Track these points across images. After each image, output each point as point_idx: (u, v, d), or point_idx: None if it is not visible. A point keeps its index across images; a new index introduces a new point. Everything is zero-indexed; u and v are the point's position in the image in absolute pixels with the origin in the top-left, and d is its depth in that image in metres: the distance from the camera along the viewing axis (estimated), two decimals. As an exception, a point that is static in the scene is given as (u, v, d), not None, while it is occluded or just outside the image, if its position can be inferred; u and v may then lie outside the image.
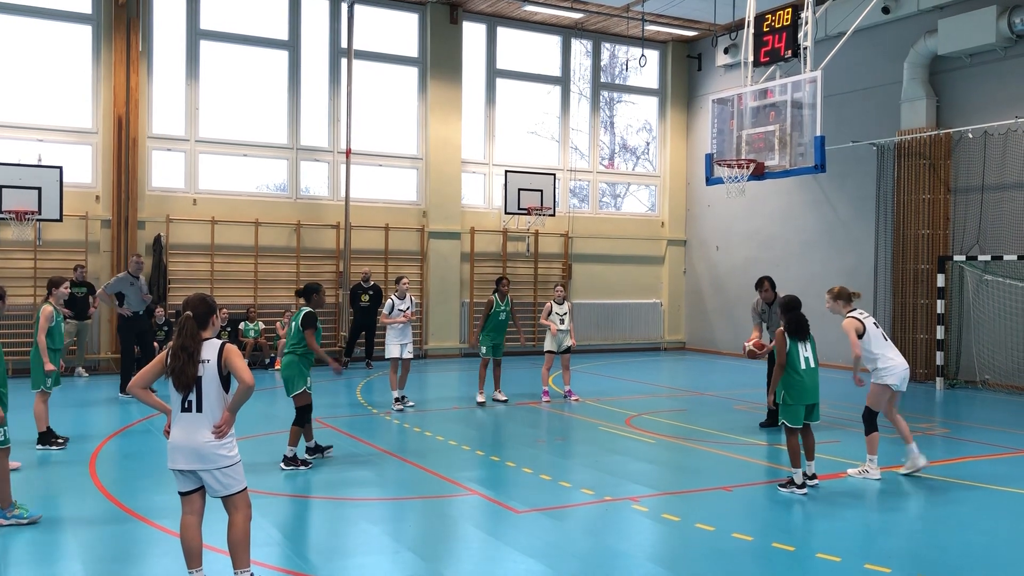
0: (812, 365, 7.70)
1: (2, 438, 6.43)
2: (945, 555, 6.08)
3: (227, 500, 4.96)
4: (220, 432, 4.88)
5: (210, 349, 4.94)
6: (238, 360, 4.94)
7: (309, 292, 9.02)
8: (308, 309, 8.85)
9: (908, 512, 7.26)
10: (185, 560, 5.00)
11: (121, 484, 7.78)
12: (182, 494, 5.02)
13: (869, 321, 8.23)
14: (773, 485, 7.99)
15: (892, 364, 8.17)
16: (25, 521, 6.36)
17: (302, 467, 8.41)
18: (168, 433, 4.99)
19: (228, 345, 4.96)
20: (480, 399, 12.42)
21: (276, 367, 15.32)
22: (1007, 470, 8.76)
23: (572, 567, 5.75)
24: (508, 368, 13.22)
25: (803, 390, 7.60)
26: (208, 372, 4.90)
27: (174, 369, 4.87)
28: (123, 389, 12.58)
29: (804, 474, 7.94)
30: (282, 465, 8.40)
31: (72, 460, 8.60)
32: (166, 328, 15.73)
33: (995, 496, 7.73)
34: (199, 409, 4.89)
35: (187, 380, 4.86)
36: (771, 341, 9.95)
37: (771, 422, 10.95)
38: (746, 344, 9.96)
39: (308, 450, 8.83)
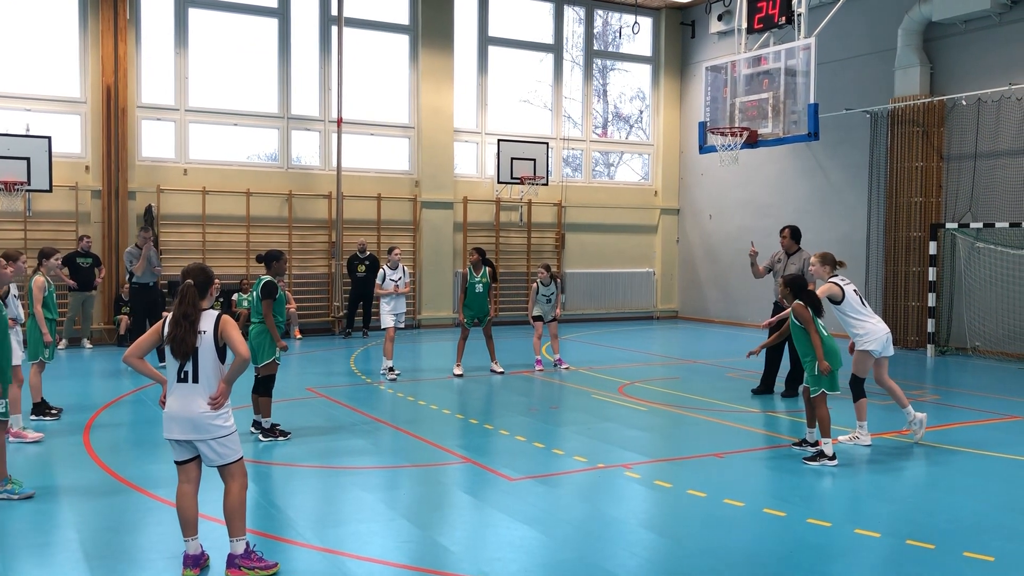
0: (828, 332, 7.81)
1: (2, 410, 6.40)
2: (934, 519, 6.15)
3: (223, 469, 4.98)
4: (216, 403, 4.89)
5: (207, 320, 4.94)
6: (235, 332, 4.94)
7: (269, 259, 8.50)
8: (268, 278, 8.35)
9: (897, 477, 7.33)
10: (181, 528, 5.03)
11: (115, 454, 7.80)
12: (178, 463, 5.04)
13: (849, 287, 8.28)
14: (765, 451, 8.06)
15: (871, 329, 8.22)
16: (16, 497, 6.34)
17: (280, 438, 8.31)
18: (164, 403, 5.00)
19: (225, 316, 4.96)
20: (457, 371, 12.34)
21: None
22: (996, 435, 8.84)
23: (565, 533, 5.81)
24: (498, 338, 13.21)
25: (836, 354, 7.71)
26: (205, 343, 4.90)
27: (175, 337, 4.86)
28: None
29: (805, 441, 8.01)
30: (260, 437, 8.31)
31: (66, 431, 8.62)
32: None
33: (984, 461, 7.80)
34: (195, 379, 4.89)
35: (187, 349, 4.85)
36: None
37: (765, 388, 11.01)
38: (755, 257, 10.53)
39: (254, 423, 8.46)
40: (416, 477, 7.29)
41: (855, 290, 8.35)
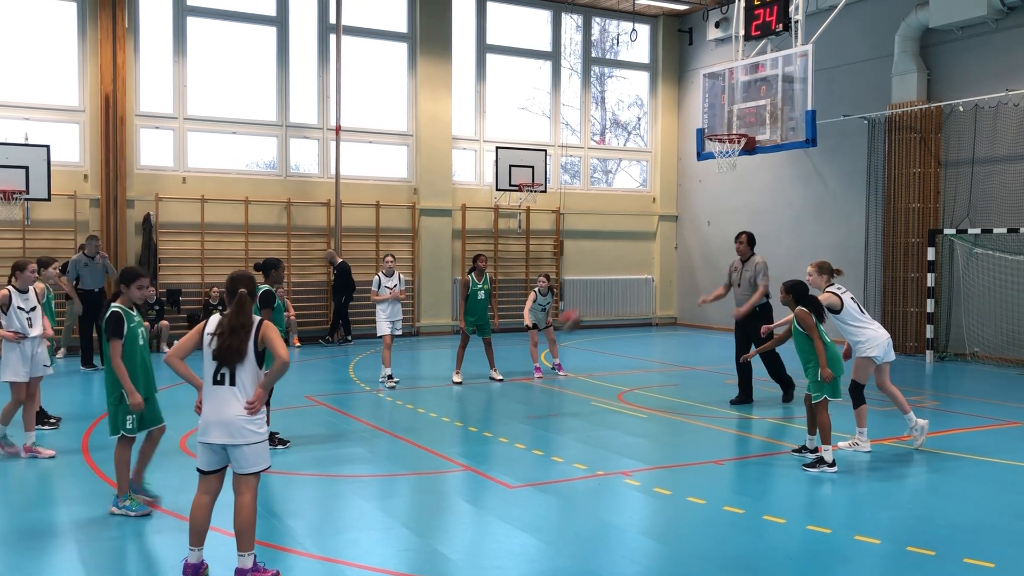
0: (830, 339, 7.80)
1: (131, 426, 6.18)
2: (934, 526, 6.14)
3: (241, 479, 4.91)
4: (253, 408, 4.89)
5: None
6: (276, 337, 4.95)
7: (267, 268, 8.39)
8: (266, 286, 8.06)
9: (897, 484, 7.32)
10: (189, 537, 4.98)
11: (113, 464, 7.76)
12: (202, 472, 4.99)
13: (847, 296, 8.29)
14: (765, 458, 8.05)
15: (872, 336, 8.22)
16: (133, 514, 6.12)
17: (279, 446, 8.25)
18: (199, 409, 4.99)
19: (266, 322, 4.97)
20: (456, 379, 12.33)
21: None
22: (996, 441, 8.84)
23: (565, 541, 5.80)
24: (497, 346, 13.20)
25: (838, 361, 7.73)
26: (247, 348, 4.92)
27: (229, 346, 4.84)
28: (84, 363, 13.54)
29: (805, 447, 8.00)
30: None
31: (65, 440, 8.59)
32: (157, 307, 15.71)
33: (984, 467, 7.80)
34: (231, 383, 4.88)
35: (240, 358, 4.86)
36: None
37: (743, 399, 10.89)
38: (705, 298, 10.42)
39: None
40: (415, 485, 7.28)
41: (852, 297, 8.36)
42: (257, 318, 4.97)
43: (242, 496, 4.91)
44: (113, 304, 6.14)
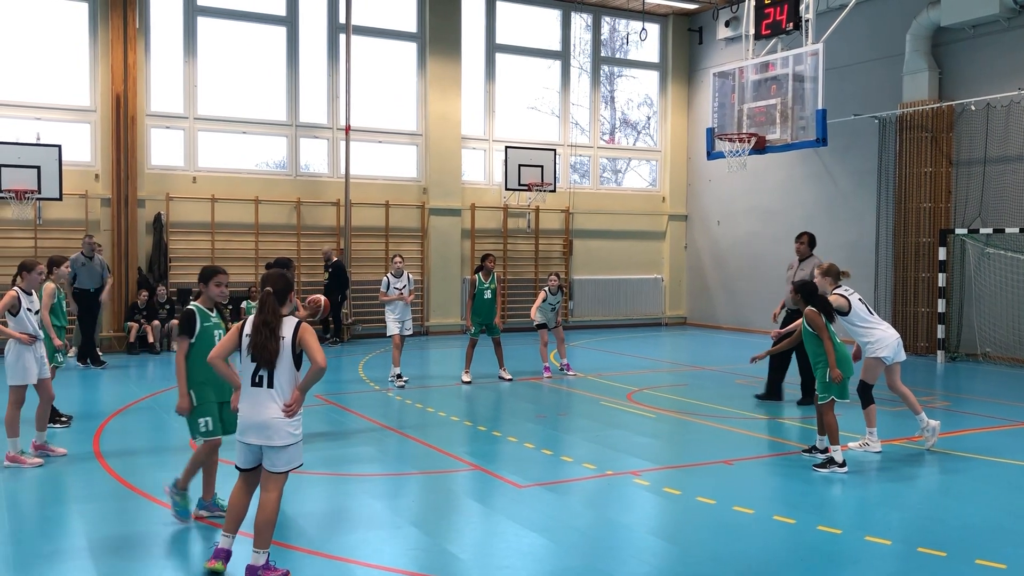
0: (839, 339, 7.78)
1: (211, 427, 5.89)
2: (945, 526, 6.11)
3: (271, 476, 4.96)
4: (290, 411, 4.91)
5: (287, 326, 4.97)
6: (312, 340, 4.96)
7: (279, 267, 8.26)
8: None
9: (908, 484, 7.29)
10: (225, 521, 5.12)
11: (125, 461, 7.81)
12: (240, 469, 5.08)
13: (854, 297, 8.26)
14: (775, 458, 8.03)
15: (882, 336, 8.19)
16: (173, 511, 5.97)
17: None
18: (235, 407, 5.08)
19: (304, 324, 4.99)
20: (466, 378, 12.33)
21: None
22: (1007, 442, 8.79)
23: (574, 541, 5.79)
24: (506, 346, 13.20)
25: (848, 362, 7.70)
26: (283, 349, 4.92)
27: (256, 344, 4.89)
28: (81, 359, 13.81)
29: (815, 448, 7.98)
30: None
31: (76, 438, 8.64)
32: (168, 307, 15.77)
33: (995, 468, 7.76)
34: (270, 384, 4.92)
35: (269, 356, 4.88)
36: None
37: (770, 395, 10.95)
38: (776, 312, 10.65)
39: None
40: (424, 484, 7.29)
41: (860, 299, 8.33)
42: (289, 318, 4.99)
43: (268, 493, 4.96)
44: (192, 303, 6.01)
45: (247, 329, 5.00)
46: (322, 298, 8.43)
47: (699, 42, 21.30)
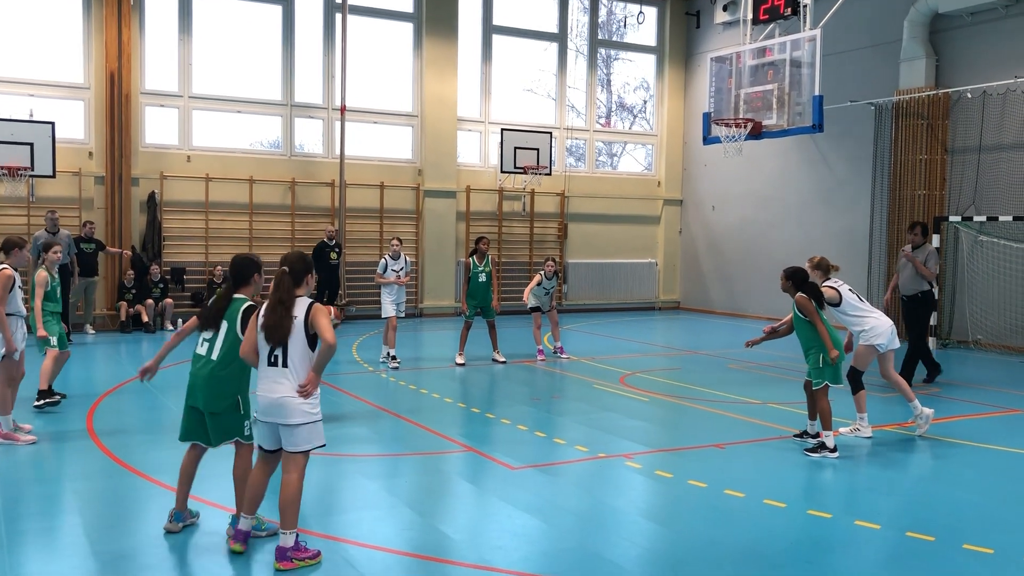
0: (831, 324, 7.83)
1: (248, 432, 5.38)
2: (934, 512, 6.17)
3: (290, 457, 4.98)
4: (305, 392, 4.92)
5: (300, 306, 4.96)
6: (323, 319, 4.94)
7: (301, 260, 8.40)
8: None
9: (898, 469, 7.35)
10: (244, 503, 5.15)
11: (118, 440, 7.81)
12: (261, 449, 5.12)
13: (844, 288, 8.29)
14: (766, 443, 8.08)
15: (875, 324, 8.23)
16: (263, 534, 5.35)
17: None
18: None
19: (316, 304, 4.98)
20: (459, 360, 12.35)
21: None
22: (997, 428, 8.86)
23: (566, 522, 5.83)
24: (500, 328, 13.22)
25: (840, 346, 7.73)
26: (296, 329, 4.93)
27: (270, 324, 4.90)
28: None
29: (806, 432, 8.03)
30: None
31: (69, 417, 8.64)
32: (161, 286, 15.74)
33: (985, 454, 7.82)
34: (284, 364, 4.93)
35: (282, 335, 4.89)
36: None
37: (933, 374, 11.34)
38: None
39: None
40: (418, 465, 7.32)
41: (850, 289, 8.37)
42: (307, 300, 4.99)
43: (289, 474, 4.98)
44: (236, 295, 5.37)
45: (263, 312, 5.01)
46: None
47: (696, 26, 21.23)
